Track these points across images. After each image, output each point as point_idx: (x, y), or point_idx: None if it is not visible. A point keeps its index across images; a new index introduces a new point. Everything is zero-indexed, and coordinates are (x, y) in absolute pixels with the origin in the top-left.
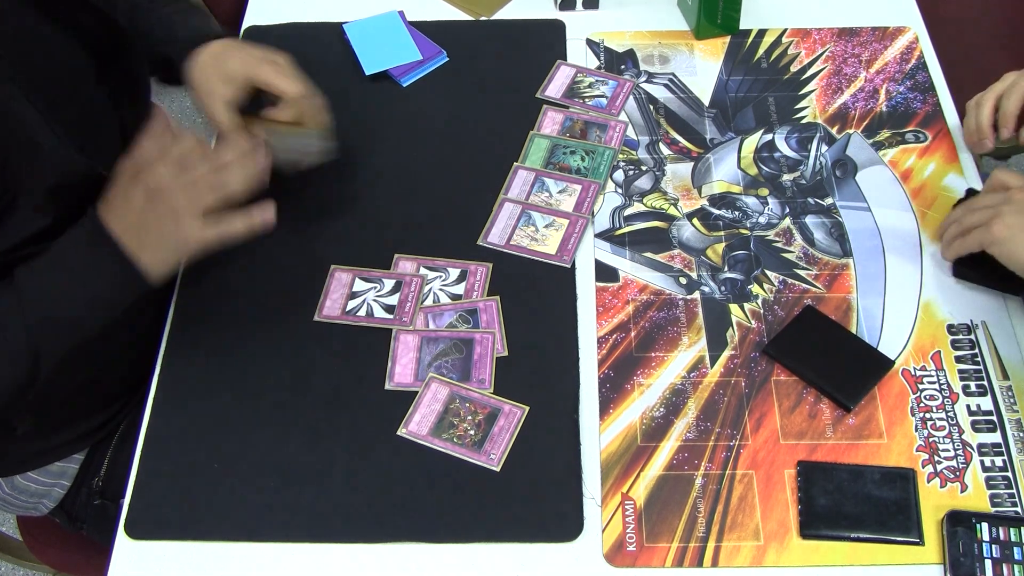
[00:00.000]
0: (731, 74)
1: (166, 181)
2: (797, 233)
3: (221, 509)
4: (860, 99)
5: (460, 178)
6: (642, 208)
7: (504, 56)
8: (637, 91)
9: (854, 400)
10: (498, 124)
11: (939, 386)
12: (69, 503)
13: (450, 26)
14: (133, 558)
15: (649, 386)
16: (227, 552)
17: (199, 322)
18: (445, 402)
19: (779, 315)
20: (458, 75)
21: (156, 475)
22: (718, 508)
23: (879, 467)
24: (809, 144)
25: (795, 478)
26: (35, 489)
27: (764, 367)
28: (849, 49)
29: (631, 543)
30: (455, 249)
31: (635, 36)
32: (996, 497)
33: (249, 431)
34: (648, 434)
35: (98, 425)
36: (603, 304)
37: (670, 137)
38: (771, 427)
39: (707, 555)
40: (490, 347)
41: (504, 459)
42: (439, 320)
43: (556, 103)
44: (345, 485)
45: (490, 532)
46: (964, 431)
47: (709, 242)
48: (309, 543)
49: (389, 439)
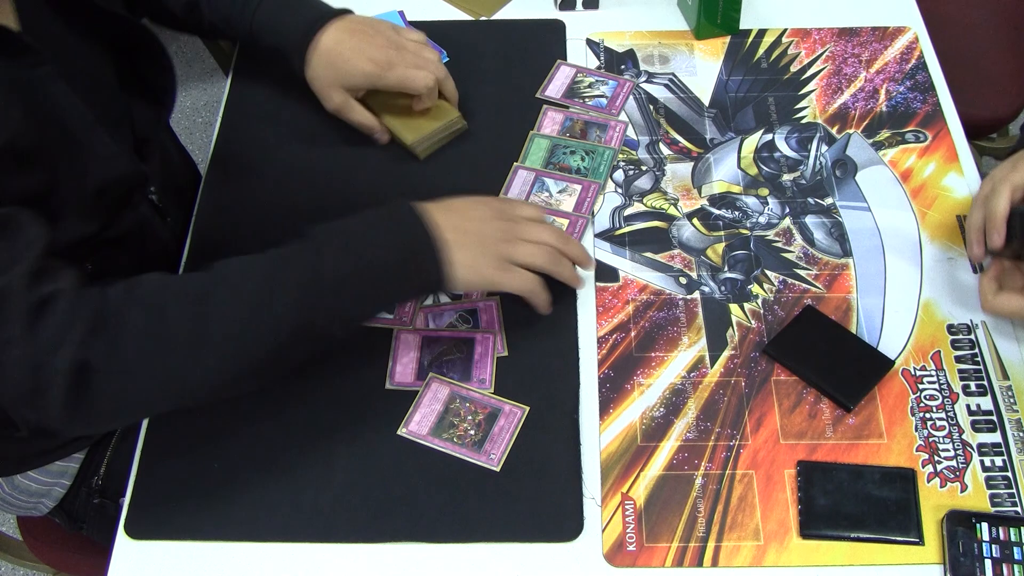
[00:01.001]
0: (731, 74)
1: (515, 242)
2: (797, 233)
3: (221, 509)
4: (860, 99)
5: (460, 178)
6: (642, 208)
7: (504, 56)
8: (637, 91)
9: (854, 400)
10: (498, 124)
11: (939, 386)
12: (69, 503)
13: (450, 26)
14: (133, 558)
15: (649, 386)
16: (227, 552)
17: None
18: (445, 402)
19: (779, 315)
20: (458, 75)
21: (156, 475)
22: (718, 508)
23: (879, 467)
24: (809, 144)
25: (795, 478)
26: (35, 488)
27: (764, 367)
28: (849, 49)
29: (631, 543)
30: None
31: (635, 36)
32: (996, 497)
33: (249, 431)
34: (648, 434)
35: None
36: (603, 304)
37: (670, 137)
38: (771, 427)
39: (707, 555)
40: (490, 347)
41: (504, 459)
42: (439, 320)
43: (556, 103)
44: (345, 485)
45: (490, 532)
46: (964, 431)
47: (709, 242)
48: (309, 543)
49: (389, 439)
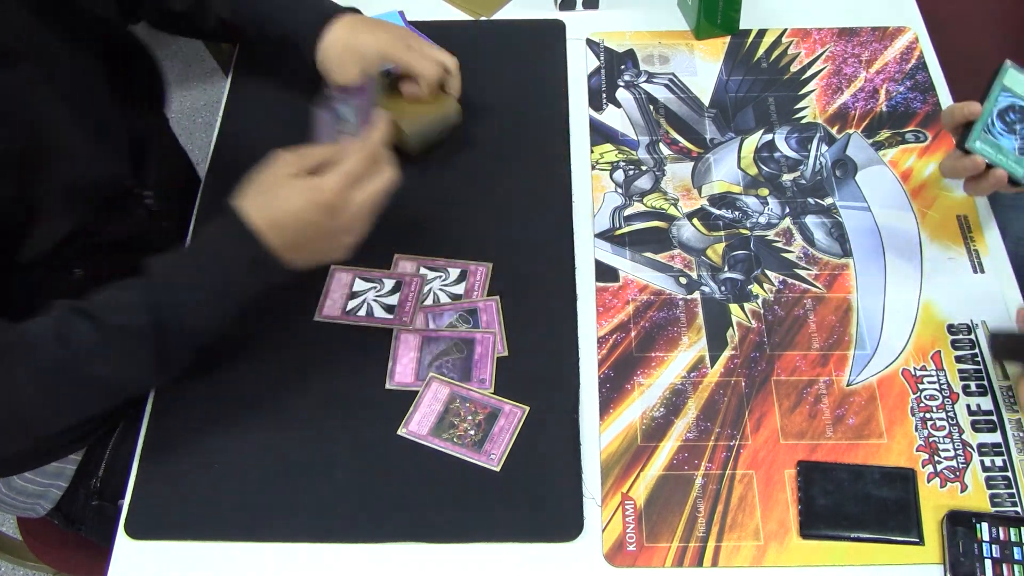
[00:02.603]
0: (731, 74)
1: (356, 227)
2: (797, 233)
3: (221, 509)
4: (860, 99)
5: (460, 178)
6: (642, 208)
7: (504, 56)
8: (637, 91)
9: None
10: (498, 124)
11: (939, 386)
12: (66, 504)
13: (450, 26)
14: (133, 558)
15: (649, 386)
16: (227, 552)
17: None
18: (445, 402)
19: (779, 315)
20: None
21: (156, 475)
22: (718, 508)
23: (879, 467)
24: (809, 144)
25: (795, 478)
26: (32, 490)
27: (764, 367)
28: (849, 49)
29: (631, 543)
30: (455, 249)
31: (635, 36)
32: (996, 497)
33: (249, 431)
34: (648, 434)
35: (95, 425)
36: (603, 304)
37: (670, 137)
38: (771, 427)
39: (707, 555)
40: (491, 347)
41: (504, 459)
42: (439, 320)
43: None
44: (345, 485)
45: (490, 532)
46: (964, 431)
47: (709, 242)
48: (309, 543)
49: (389, 439)
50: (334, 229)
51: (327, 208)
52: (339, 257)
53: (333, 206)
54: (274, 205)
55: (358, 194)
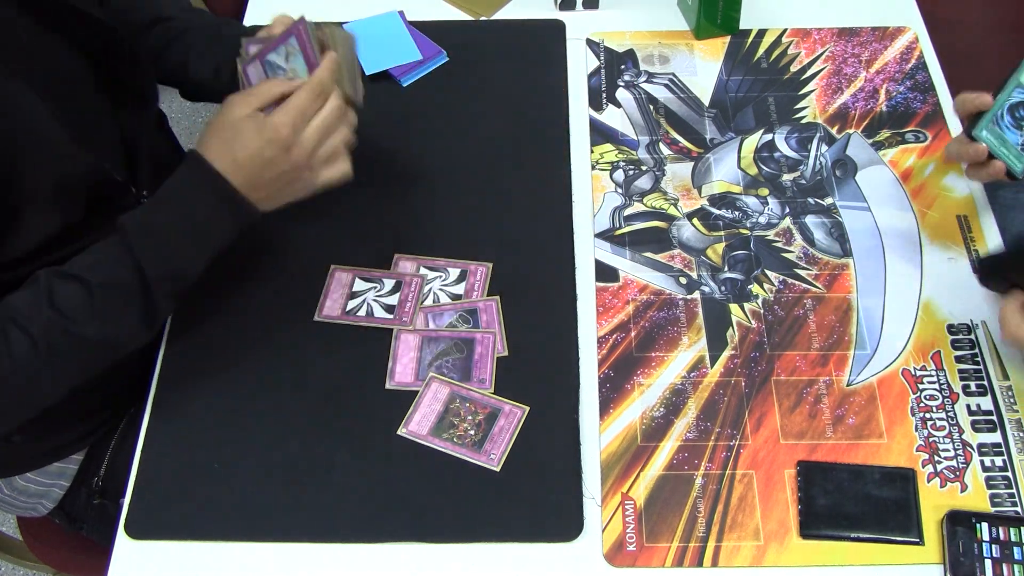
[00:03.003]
0: (731, 74)
1: (314, 163)
2: (797, 233)
3: (221, 509)
4: (860, 99)
5: (460, 178)
6: (642, 208)
7: (504, 56)
8: (637, 91)
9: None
10: (498, 124)
11: (939, 386)
12: (68, 503)
13: (450, 26)
14: (133, 558)
15: (649, 386)
16: (227, 552)
17: (199, 322)
18: (445, 402)
19: (779, 315)
20: (458, 75)
21: (156, 475)
22: (718, 508)
23: (879, 467)
24: (809, 144)
25: (795, 478)
26: (34, 490)
27: (764, 367)
28: (849, 49)
29: (631, 543)
30: (455, 249)
31: (635, 36)
32: (996, 497)
33: (249, 431)
34: (648, 434)
35: (97, 425)
36: (603, 304)
37: (670, 137)
38: (771, 427)
39: (707, 555)
40: (491, 347)
41: (504, 459)
42: (439, 320)
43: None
44: (345, 485)
45: (490, 532)
46: (964, 431)
47: (709, 242)
48: (309, 543)
49: (389, 439)
50: (293, 164)
51: (280, 144)
52: (306, 195)
53: (286, 141)
54: (232, 147)
55: (308, 128)
